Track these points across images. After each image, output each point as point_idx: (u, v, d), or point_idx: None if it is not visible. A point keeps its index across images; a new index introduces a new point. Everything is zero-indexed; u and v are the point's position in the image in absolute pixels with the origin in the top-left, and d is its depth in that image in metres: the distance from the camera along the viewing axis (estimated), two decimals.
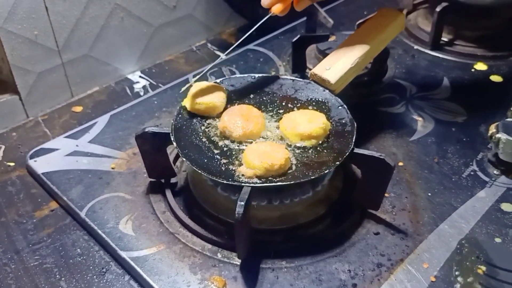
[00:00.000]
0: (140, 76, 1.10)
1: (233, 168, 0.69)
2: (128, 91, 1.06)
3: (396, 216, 0.76)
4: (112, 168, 0.84)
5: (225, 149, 0.72)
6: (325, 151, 0.71)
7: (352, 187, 0.76)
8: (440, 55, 1.15)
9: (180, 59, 1.17)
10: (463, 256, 0.69)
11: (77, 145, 0.88)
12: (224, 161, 0.70)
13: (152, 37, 1.11)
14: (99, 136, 0.90)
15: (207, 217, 0.74)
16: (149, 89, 1.06)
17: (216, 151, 0.72)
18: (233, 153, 0.71)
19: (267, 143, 0.71)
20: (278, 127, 0.76)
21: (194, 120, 0.77)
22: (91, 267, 0.70)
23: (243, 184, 0.65)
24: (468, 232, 0.73)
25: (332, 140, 0.73)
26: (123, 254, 0.69)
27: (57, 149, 0.87)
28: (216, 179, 0.66)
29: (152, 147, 0.75)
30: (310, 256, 0.70)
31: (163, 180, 0.80)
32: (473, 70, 1.10)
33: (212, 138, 0.74)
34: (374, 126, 0.94)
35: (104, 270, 0.69)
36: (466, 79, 1.07)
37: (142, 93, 1.05)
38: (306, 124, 0.73)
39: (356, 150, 0.70)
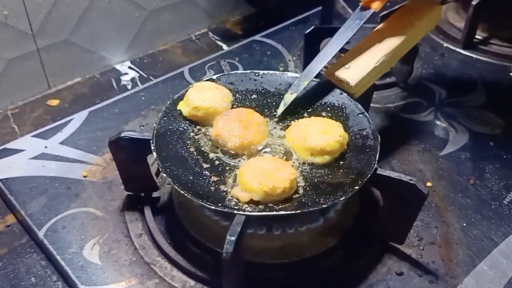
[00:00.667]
0: (129, 67, 0.97)
1: (225, 189, 0.55)
2: (114, 83, 0.92)
3: (424, 252, 0.62)
4: (84, 177, 0.70)
5: (216, 163, 0.58)
6: (340, 170, 0.57)
7: (371, 213, 0.62)
8: (474, 55, 1.01)
9: (176, 49, 1.03)
10: None
11: (46, 146, 0.75)
12: (214, 179, 0.56)
13: (144, 22, 0.97)
14: (73, 136, 0.77)
15: (193, 244, 0.61)
16: (138, 82, 0.93)
17: (205, 166, 0.58)
18: (227, 169, 0.58)
19: (269, 159, 0.57)
20: (284, 137, 0.62)
21: (183, 125, 0.63)
22: None
23: (235, 212, 0.51)
24: None
25: (349, 157, 0.59)
26: None
27: (22, 150, 0.74)
28: (202, 203, 0.52)
29: (129, 155, 0.61)
30: None
31: (143, 194, 0.67)
32: (511, 74, 0.95)
33: (202, 149, 0.60)
34: (396, 136, 0.80)
35: None
36: (504, 84, 0.93)
37: (129, 87, 0.92)
38: (319, 135, 0.59)
39: (380, 171, 0.56)
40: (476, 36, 1.04)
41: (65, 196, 0.67)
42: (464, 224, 0.66)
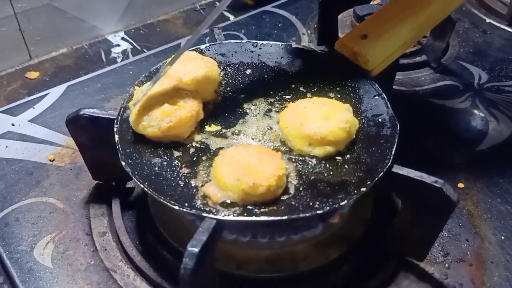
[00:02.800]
0: (122, 38, 0.86)
1: (196, 184, 0.43)
2: (103, 55, 0.82)
3: (450, 271, 0.50)
4: (51, 160, 0.61)
5: (191, 151, 0.47)
6: (345, 166, 0.45)
7: (386, 220, 0.50)
8: None
9: (177, 19, 0.92)
10: None
11: (13, 124, 0.66)
12: (185, 171, 0.45)
13: None
14: (46, 114, 0.67)
15: (164, 248, 0.50)
16: (130, 55, 0.82)
17: (176, 154, 0.47)
18: (203, 158, 0.46)
19: (253, 148, 0.45)
20: (278, 122, 0.50)
21: None
22: None
23: (204, 214, 0.40)
24: None
25: (359, 149, 0.47)
26: None
27: None
28: (164, 201, 0.41)
29: (92, 138, 0.51)
30: None
31: (114, 183, 0.56)
32: None
33: None
34: (423, 126, 0.68)
35: None
36: None
37: (119, 60, 0.81)
38: (320, 121, 0.46)
39: (396, 169, 0.44)
40: None
41: (24, 183, 0.58)
42: (503, 238, 0.53)
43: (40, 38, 0.80)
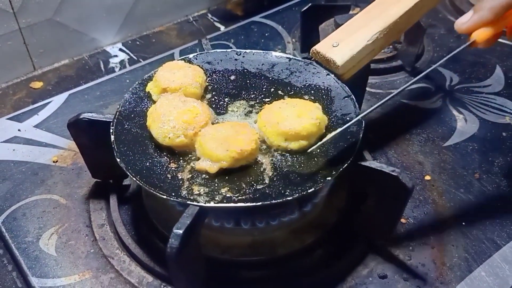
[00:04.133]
0: (120, 49, 0.92)
1: (182, 177, 0.49)
2: (102, 66, 0.88)
3: (414, 253, 0.55)
4: (54, 162, 0.66)
5: (177, 149, 0.53)
6: (315, 159, 0.51)
7: (358, 209, 0.55)
8: None
9: (172, 30, 0.98)
10: None
11: (19, 130, 0.71)
12: (172, 166, 0.51)
13: (137, 2, 0.92)
14: (49, 120, 0.73)
15: (156, 237, 0.56)
16: (127, 65, 0.88)
17: (164, 151, 0.52)
18: (188, 155, 0.52)
19: (226, 125, 0.53)
20: (255, 122, 0.55)
21: (149, 107, 0.58)
22: None
23: (188, 202, 0.46)
24: None
25: (328, 144, 0.52)
26: (34, 282, 0.52)
27: None
28: (154, 192, 0.47)
29: (91, 139, 0.57)
30: None
31: (112, 181, 0.62)
32: None
33: None
34: (397, 125, 0.73)
35: None
36: None
37: (117, 69, 0.87)
38: (294, 118, 0.52)
39: (361, 162, 0.49)
40: None
41: (31, 182, 0.64)
42: (463, 224, 0.59)
43: (43, 51, 0.86)
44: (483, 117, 0.73)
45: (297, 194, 0.46)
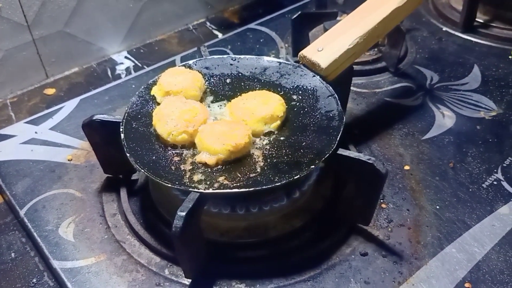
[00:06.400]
0: (125, 57, 0.99)
1: (185, 168, 0.56)
2: (109, 73, 0.95)
3: (392, 234, 0.62)
4: (69, 160, 0.73)
5: (179, 145, 0.60)
6: (301, 151, 0.58)
7: (342, 196, 0.62)
8: (473, 39, 0.98)
9: (173, 38, 1.05)
10: None
11: (36, 132, 0.78)
12: (176, 159, 0.58)
13: (140, 13, 0.99)
14: (63, 123, 0.80)
15: (162, 223, 0.62)
16: (133, 71, 0.95)
17: (169, 147, 0.59)
18: (190, 150, 0.59)
19: (222, 122, 0.60)
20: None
21: (154, 108, 0.65)
22: (21, 276, 0.60)
23: (189, 189, 0.53)
24: (480, 259, 0.58)
25: (312, 137, 0.59)
26: (55, 264, 0.59)
27: (13, 136, 0.77)
28: (160, 181, 0.54)
29: (103, 138, 0.64)
30: (277, 279, 0.57)
31: (121, 176, 0.69)
32: (510, 57, 0.92)
33: None
34: (381, 121, 0.80)
35: (34, 281, 0.59)
36: (501, 68, 0.90)
37: (123, 75, 0.94)
38: (263, 106, 0.61)
39: (340, 152, 0.56)
40: (477, 19, 1.01)
41: (48, 178, 0.70)
42: (438, 207, 0.65)
43: (55, 60, 0.93)
44: (460, 112, 0.80)
45: (285, 180, 0.53)
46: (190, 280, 0.56)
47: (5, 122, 0.84)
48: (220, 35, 1.05)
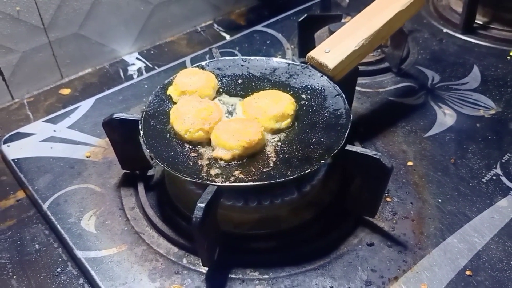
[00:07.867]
0: (137, 58, 1.03)
1: (202, 163, 0.60)
2: (122, 73, 0.99)
3: (397, 225, 0.65)
4: (87, 157, 0.77)
5: (196, 141, 0.63)
6: (311, 147, 0.61)
7: (349, 190, 0.65)
8: (472, 40, 1.02)
9: (182, 40, 1.09)
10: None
11: (54, 130, 0.81)
12: (193, 154, 0.61)
13: (150, 16, 1.03)
14: (80, 121, 0.83)
15: (179, 216, 0.66)
16: (144, 72, 0.99)
17: (186, 144, 0.63)
18: (206, 146, 0.62)
19: (236, 120, 0.64)
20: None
21: (171, 108, 0.68)
22: (46, 266, 0.63)
23: (207, 183, 0.56)
24: (480, 249, 0.62)
25: (322, 135, 0.63)
26: (79, 254, 0.62)
27: (33, 134, 0.81)
28: (179, 175, 0.57)
29: (121, 135, 0.67)
30: (288, 268, 0.60)
31: (138, 172, 0.72)
32: (509, 57, 0.96)
33: None
34: (385, 119, 0.83)
35: (59, 270, 0.63)
36: (500, 68, 0.94)
37: (135, 76, 0.98)
38: (274, 105, 0.64)
39: (348, 147, 0.60)
40: (477, 21, 1.05)
41: (69, 174, 0.74)
42: (440, 201, 0.68)
43: (70, 61, 0.96)
44: (460, 111, 0.83)
45: (297, 174, 0.57)
46: (207, 269, 0.60)
47: (23, 121, 0.87)
48: (228, 37, 1.08)
